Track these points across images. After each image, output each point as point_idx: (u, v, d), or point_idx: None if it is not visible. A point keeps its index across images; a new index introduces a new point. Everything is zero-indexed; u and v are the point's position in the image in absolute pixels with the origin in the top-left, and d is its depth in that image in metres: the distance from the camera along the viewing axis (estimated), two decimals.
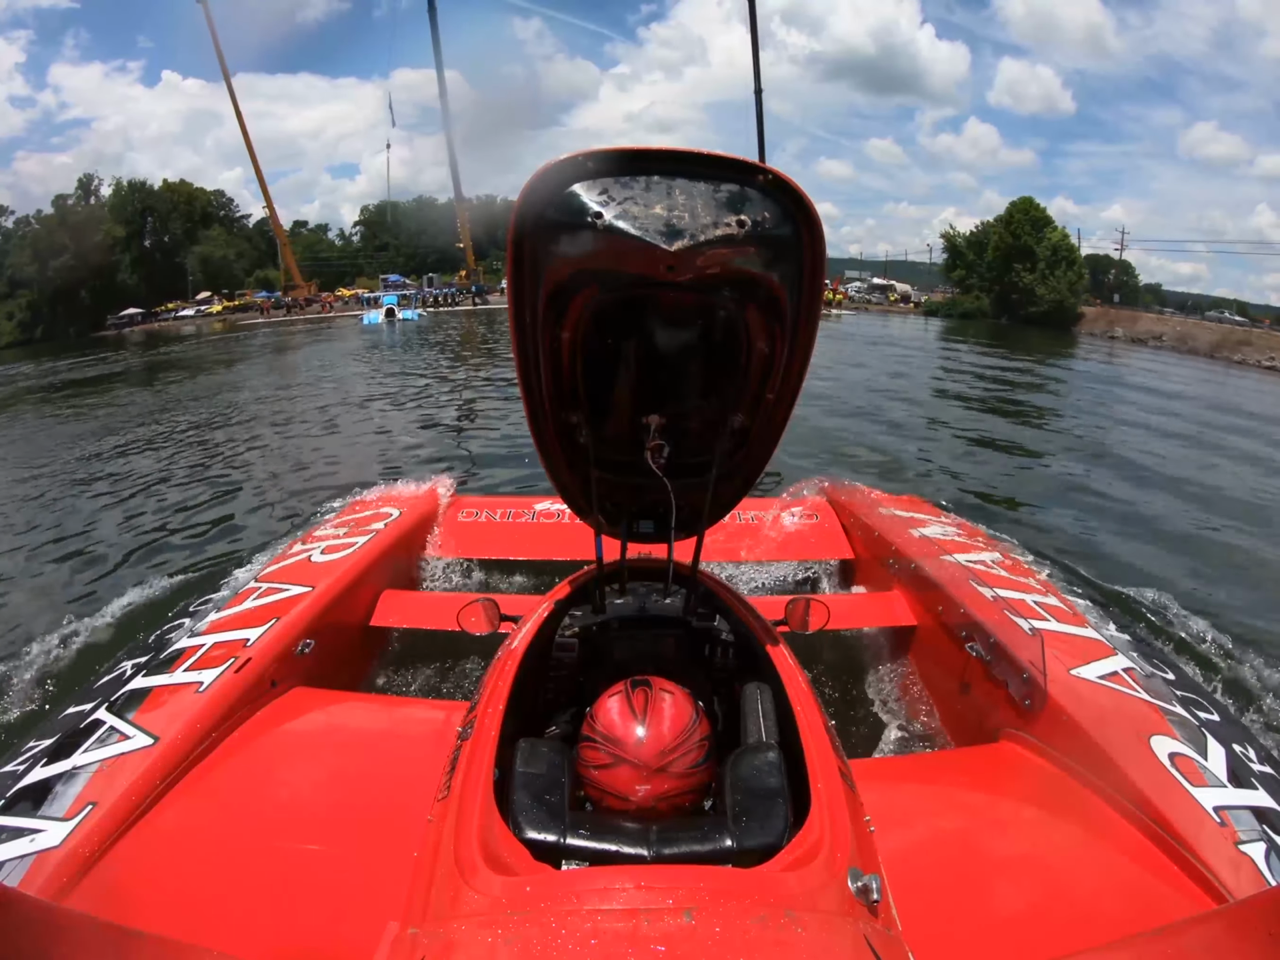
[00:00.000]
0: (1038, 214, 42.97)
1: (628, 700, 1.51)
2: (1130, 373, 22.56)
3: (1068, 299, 40.72)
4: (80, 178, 47.57)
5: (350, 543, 3.64)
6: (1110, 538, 6.58)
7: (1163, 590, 4.80)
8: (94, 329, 42.14)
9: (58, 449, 10.40)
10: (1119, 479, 8.77)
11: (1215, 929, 1.08)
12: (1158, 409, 14.78)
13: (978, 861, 1.93)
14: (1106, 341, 35.86)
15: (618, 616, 2.16)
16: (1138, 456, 10.09)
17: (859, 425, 11.30)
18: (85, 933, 0.98)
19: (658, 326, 1.79)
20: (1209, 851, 1.78)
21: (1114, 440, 11.25)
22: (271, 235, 49.54)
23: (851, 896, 1.24)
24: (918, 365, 20.96)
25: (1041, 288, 40.48)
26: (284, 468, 8.77)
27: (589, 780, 1.49)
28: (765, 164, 1.44)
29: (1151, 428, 12.47)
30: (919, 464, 9.17)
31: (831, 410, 12.07)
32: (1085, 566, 5.30)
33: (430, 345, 25.58)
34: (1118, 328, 38.13)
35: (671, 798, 1.44)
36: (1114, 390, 17.75)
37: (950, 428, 11.50)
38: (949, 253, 47.71)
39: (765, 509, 4.56)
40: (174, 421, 12.15)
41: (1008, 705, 2.53)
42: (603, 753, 1.46)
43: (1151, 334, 35.89)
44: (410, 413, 12.49)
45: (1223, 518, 7.37)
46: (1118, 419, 13.38)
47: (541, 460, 2.04)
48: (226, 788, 2.11)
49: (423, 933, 1.23)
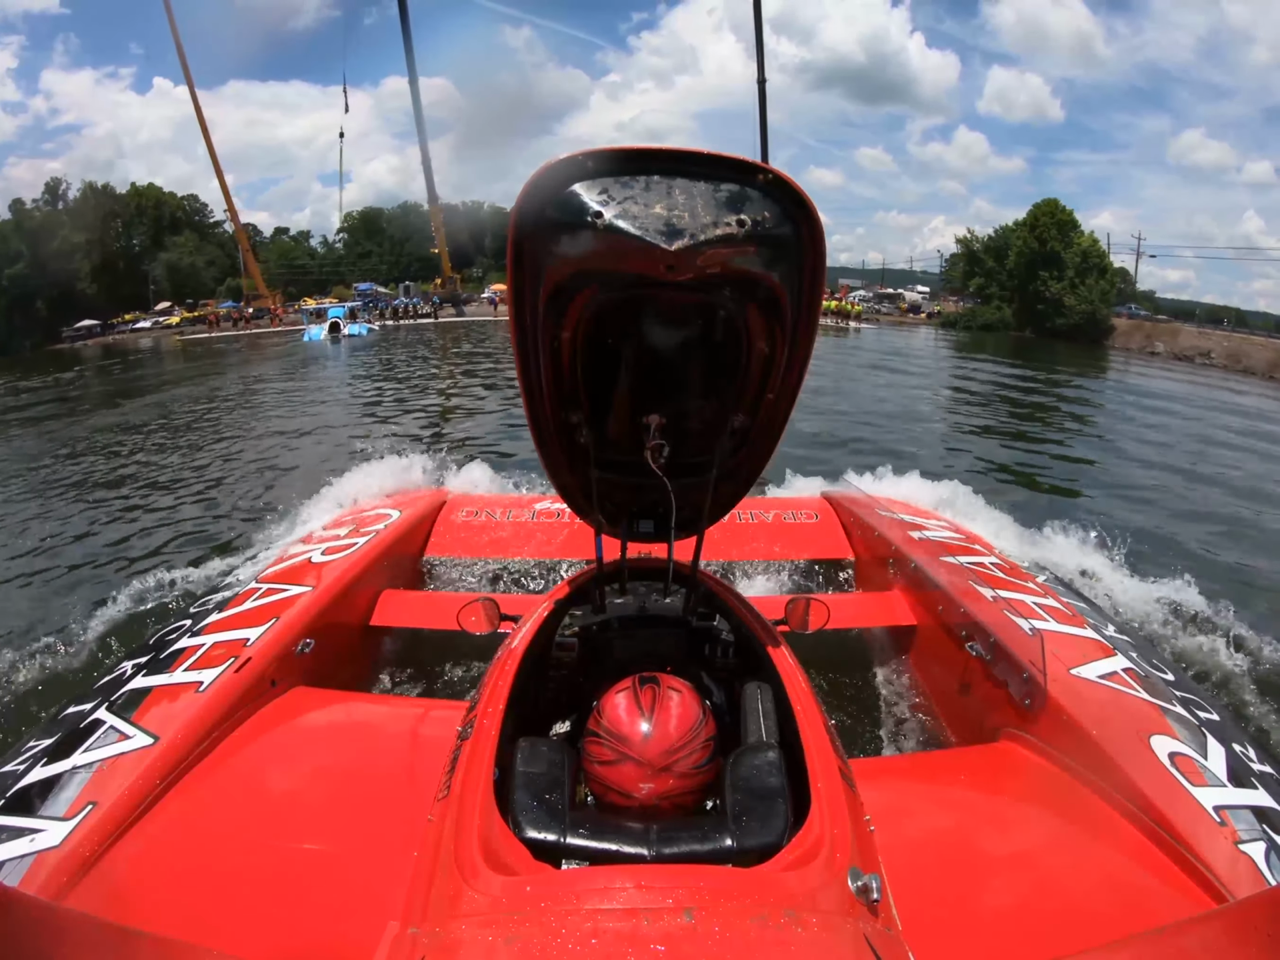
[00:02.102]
0: (1064, 217, 39.23)
1: (635, 697, 1.50)
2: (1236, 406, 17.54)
3: (1100, 310, 37.11)
4: (48, 181, 44.23)
5: (350, 543, 3.64)
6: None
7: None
8: (51, 341, 38.76)
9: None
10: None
11: (1215, 929, 1.08)
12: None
13: (977, 861, 1.93)
14: (1147, 358, 31.80)
15: (618, 616, 2.16)
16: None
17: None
18: (85, 933, 0.98)
19: (658, 326, 1.79)
20: (1209, 851, 1.78)
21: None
22: (251, 241, 47.43)
23: (852, 896, 1.23)
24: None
25: (1071, 297, 36.91)
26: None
27: (593, 775, 1.49)
28: (767, 159, 1.44)
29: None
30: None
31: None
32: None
33: (353, 376, 20.17)
34: (1158, 342, 34.11)
35: (674, 796, 1.44)
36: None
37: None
38: (966, 259, 43.96)
39: (765, 509, 4.56)
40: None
41: (1008, 705, 2.53)
42: (608, 749, 1.45)
43: (1198, 350, 31.90)
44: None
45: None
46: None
47: (542, 460, 2.04)
48: (227, 788, 2.12)
49: (423, 932, 1.23)
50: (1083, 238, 39.20)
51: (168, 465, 9.68)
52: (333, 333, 30.64)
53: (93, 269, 42.84)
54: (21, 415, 15.07)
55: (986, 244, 43.04)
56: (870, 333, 35.73)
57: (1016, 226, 41.18)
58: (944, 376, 21.05)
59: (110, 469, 9.60)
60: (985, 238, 43.60)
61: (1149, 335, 35.45)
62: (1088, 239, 39.27)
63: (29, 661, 3.89)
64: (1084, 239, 39.18)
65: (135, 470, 9.47)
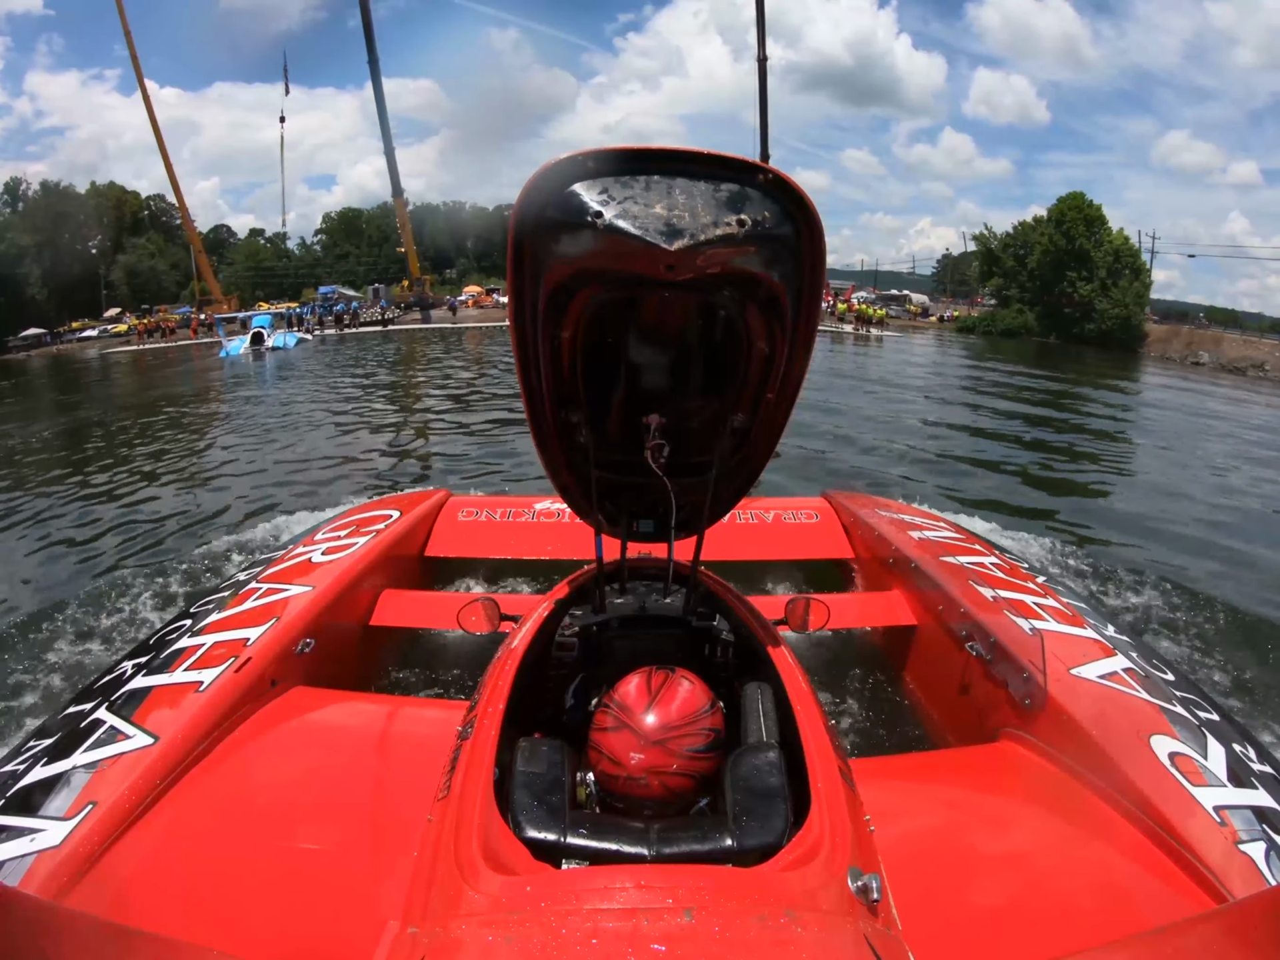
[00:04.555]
0: (1091, 212, 35.90)
1: (648, 679, 1.58)
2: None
3: (1135, 315, 34.45)
4: (7, 181, 41.42)
5: (351, 543, 3.64)
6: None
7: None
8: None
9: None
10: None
11: (1215, 929, 1.08)
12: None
13: (977, 861, 1.93)
14: (1191, 369, 28.49)
15: (618, 616, 2.16)
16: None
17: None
18: (85, 933, 0.98)
19: (658, 326, 1.79)
20: (1209, 851, 1.78)
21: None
22: (225, 243, 45.37)
23: (851, 896, 1.23)
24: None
25: (1103, 300, 34.18)
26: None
27: (593, 743, 1.55)
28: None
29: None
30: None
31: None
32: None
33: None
34: (1202, 352, 30.71)
35: (665, 775, 1.46)
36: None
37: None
38: (983, 258, 40.90)
39: (765, 509, 4.56)
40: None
41: (1008, 705, 2.53)
42: (611, 717, 1.53)
43: (1250, 361, 28.66)
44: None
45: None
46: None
47: (541, 460, 2.05)
48: (227, 787, 2.11)
49: (423, 932, 1.23)
50: (1114, 235, 36.14)
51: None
52: (255, 344, 25.60)
53: (44, 273, 39.51)
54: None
55: (1005, 241, 39.85)
56: (892, 343, 31.20)
57: (1038, 223, 38.03)
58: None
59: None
60: (1003, 235, 40.42)
61: (1190, 343, 32.16)
62: (1119, 236, 36.18)
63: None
64: (1116, 236, 36.09)
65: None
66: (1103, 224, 36.16)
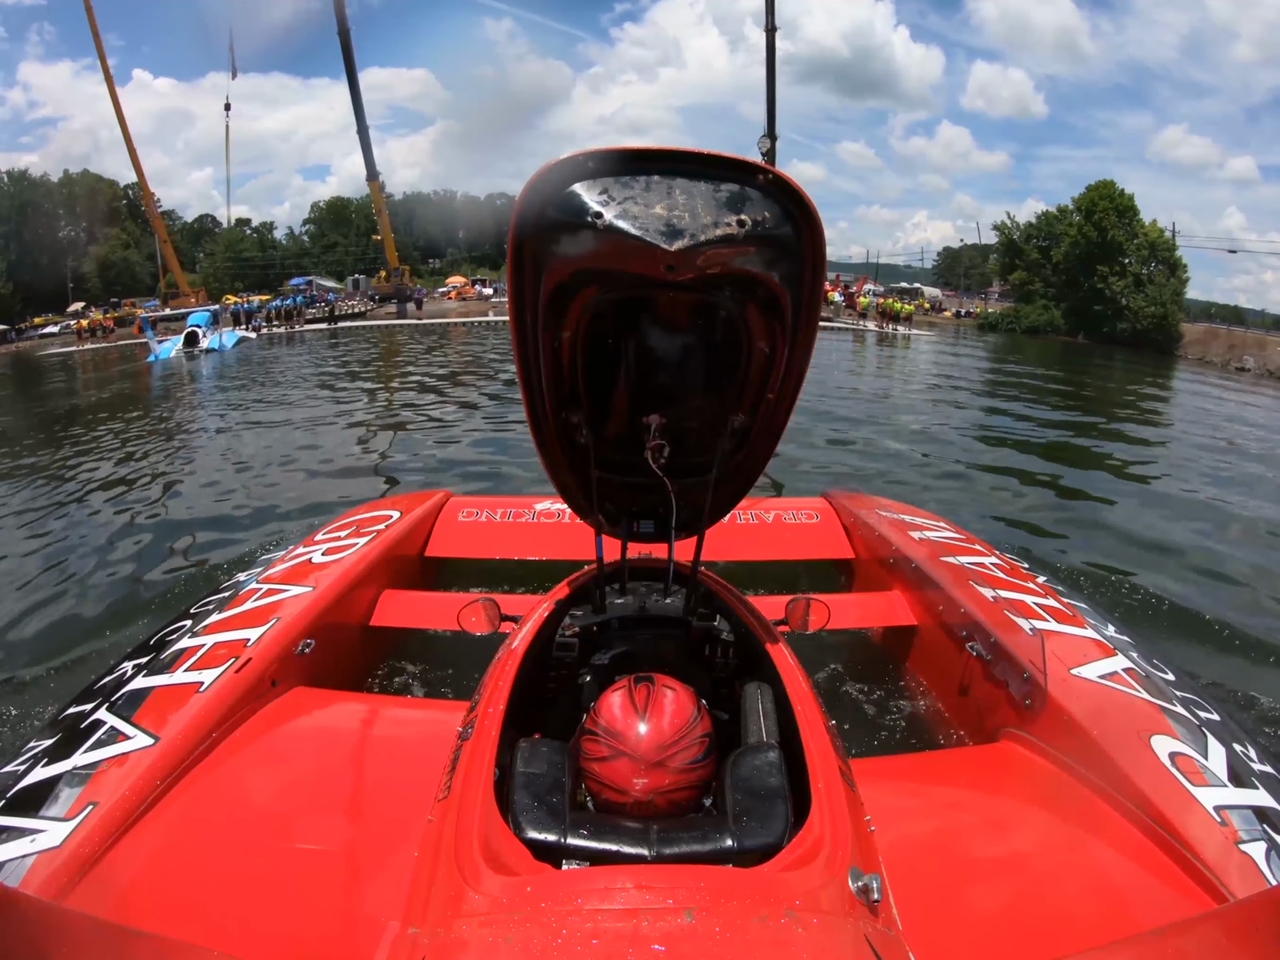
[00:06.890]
0: (1123, 202, 32.87)
1: (630, 695, 1.51)
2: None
3: (1172, 313, 31.58)
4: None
5: (351, 543, 3.64)
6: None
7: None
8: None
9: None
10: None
11: (1215, 929, 1.08)
12: None
13: (978, 861, 1.93)
14: (1234, 375, 25.40)
15: (618, 616, 2.16)
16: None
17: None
18: (85, 933, 0.98)
19: (658, 326, 1.79)
20: (1209, 851, 1.78)
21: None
22: (210, 233, 43.52)
23: (852, 896, 1.23)
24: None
25: (1137, 298, 31.38)
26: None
27: (589, 773, 1.50)
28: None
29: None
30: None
31: None
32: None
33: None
34: (1246, 356, 27.48)
35: (669, 792, 1.44)
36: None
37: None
38: (1004, 249, 37.56)
39: (765, 509, 4.56)
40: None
41: (1008, 705, 2.53)
42: (603, 745, 1.47)
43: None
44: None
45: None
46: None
47: (541, 460, 2.05)
48: (227, 788, 2.11)
49: (423, 932, 1.23)
50: (1148, 227, 33.03)
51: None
52: (189, 346, 22.60)
53: (9, 266, 37.29)
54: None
55: (1028, 232, 36.74)
56: (927, 343, 27.11)
57: (1063, 213, 35.14)
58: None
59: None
60: (1025, 225, 37.22)
61: (1232, 346, 28.93)
62: (1154, 228, 33.10)
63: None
64: (1151, 228, 33.02)
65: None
66: (1134, 215, 33.34)
